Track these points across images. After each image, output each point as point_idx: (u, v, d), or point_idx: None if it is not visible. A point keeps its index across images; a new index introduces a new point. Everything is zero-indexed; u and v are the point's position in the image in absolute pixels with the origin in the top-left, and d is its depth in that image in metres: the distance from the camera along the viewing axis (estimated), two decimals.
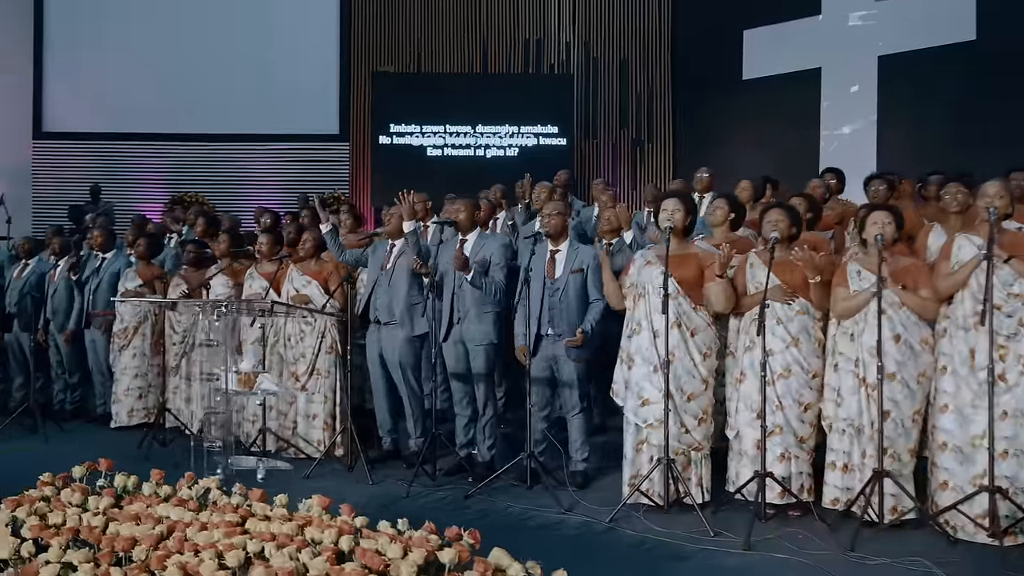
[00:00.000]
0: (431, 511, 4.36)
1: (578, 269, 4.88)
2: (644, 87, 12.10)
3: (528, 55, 12.37)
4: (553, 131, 11.71)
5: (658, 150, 12.08)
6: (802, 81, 10.79)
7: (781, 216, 4.31)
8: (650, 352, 4.33)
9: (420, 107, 11.74)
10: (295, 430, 5.73)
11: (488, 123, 11.72)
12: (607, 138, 12.20)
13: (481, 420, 5.18)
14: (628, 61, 12.15)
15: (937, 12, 9.85)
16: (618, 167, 12.05)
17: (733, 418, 4.40)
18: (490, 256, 5.11)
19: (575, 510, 4.41)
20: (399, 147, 11.77)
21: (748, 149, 10.96)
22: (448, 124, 11.71)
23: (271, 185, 12.33)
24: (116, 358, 6.80)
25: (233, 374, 3.51)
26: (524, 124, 11.69)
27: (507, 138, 11.73)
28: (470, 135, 11.76)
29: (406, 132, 11.74)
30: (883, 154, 10.09)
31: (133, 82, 12.14)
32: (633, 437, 4.42)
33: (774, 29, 11.09)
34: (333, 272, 5.82)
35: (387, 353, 5.38)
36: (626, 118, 12.16)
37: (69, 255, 7.23)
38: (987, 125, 9.27)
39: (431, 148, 11.76)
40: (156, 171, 12.35)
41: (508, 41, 12.41)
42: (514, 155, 11.73)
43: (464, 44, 12.47)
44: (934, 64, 9.82)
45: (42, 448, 6.24)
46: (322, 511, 2.79)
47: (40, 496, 3.09)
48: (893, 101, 10.17)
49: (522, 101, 11.73)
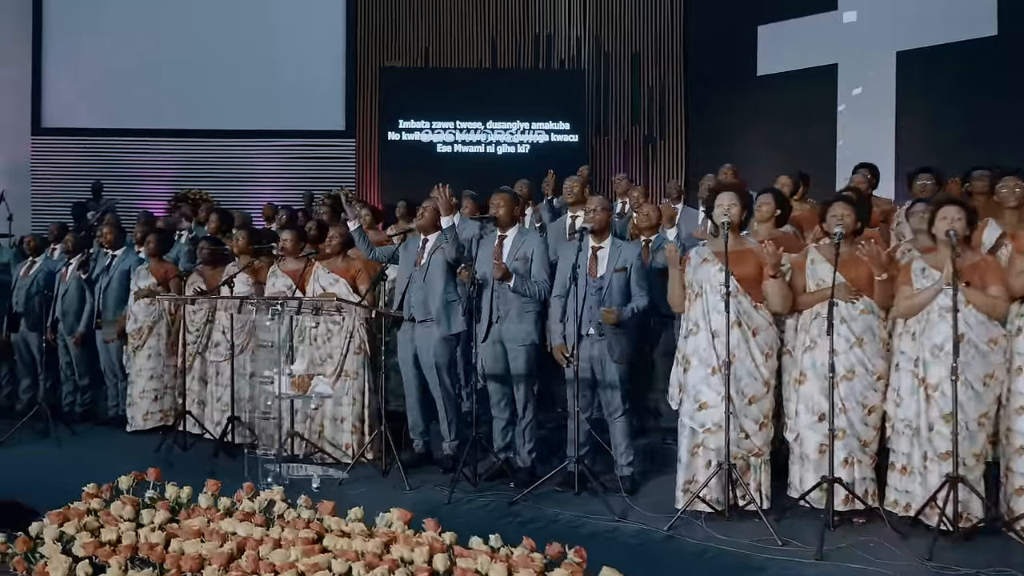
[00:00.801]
0: (478, 519, 4.20)
1: (622, 268, 4.70)
2: (656, 82, 11.94)
3: (538, 50, 12.19)
4: (565, 127, 11.54)
5: (670, 146, 11.92)
6: (818, 77, 10.65)
7: (847, 210, 4.14)
8: (708, 353, 4.15)
9: (429, 103, 11.54)
10: (321, 434, 5.52)
11: (499, 119, 11.53)
12: (619, 134, 12.03)
13: (520, 423, 4.99)
14: (640, 56, 11.99)
15: (957, 7, 9.73)
16: (630, 164, 11.87)
17: (793, 420, 4.23)
18: (531, 254, 4.93)
19: (628, 517, 4.23)
20: (408, 143, 11.57)
21: (762, 146, 10.81)
22: (459, 120, 11.51)
23: (275, 182, 12.10)
24: (130, 359, 6.57)
25: (287, 377, 3.29)
26: (535, 120, 11.51)
27: (518, 134, 11.55)
28: (480, 131, 11.56)
29: (415, 128, 11.54)
30: (901, 151, 9.96)
31: (134, 77, 11.87)
32: (688, 441, 4.23)
33: (789, 25, 10.94)
34: (361, 270, 5.62)
35: (421, 353, 5.18)
36: (638, 114, 12.00)
37: (80, 253, 6.98)
38: (1006, 121, 9.15)
39: (441, 144, 11.56)
40: (158, 168, 12.08)
41: (517, 36, 12.22)
42: (526, 151, 11.55)
43: (473, 39, 12.27)
44: (954, 60, 9.69)
45: (55, 453, 6.00)
46: (404, 526, 2.59)
47: (87, 509, 2.88)
48: (911, 97, 10.04)
49: (533, 97, 11.55)
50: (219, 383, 6.07)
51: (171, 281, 6.45)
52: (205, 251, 6.44)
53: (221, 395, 6.05)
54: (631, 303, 4.65)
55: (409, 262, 5.31)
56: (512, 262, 4.92)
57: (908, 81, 10.07)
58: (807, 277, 4.25)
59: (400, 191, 11.08)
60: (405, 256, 5.40)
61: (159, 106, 11.87)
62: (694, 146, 11.84)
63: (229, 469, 5.24)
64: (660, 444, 5.35)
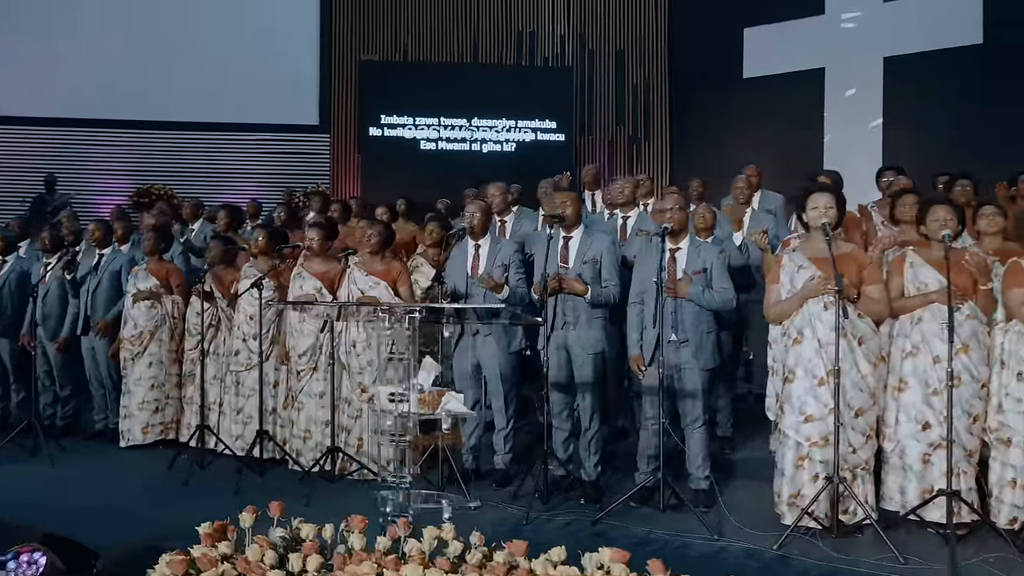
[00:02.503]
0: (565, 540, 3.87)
1: (701, 269, 4.47)
2: (641, 82, 11.81)
3: (521, 47, 11.91)
4: (551, 126, 11.29)
5: (655, 147, 11.80)
6: (805, 81, 10.68)
7: (950, 215, 4.00)
8: (814, 363, 3.94)
9: (412, 98, 11.11)
10: (360, 448, 5.12)
11: (484, 116, 11.19)
12: (603, 134, 11.85)
13: (586, 434, 4.71)
14: (624, 54, 11.84)
15: (943, 15, 9.87)
16: (614, 164, 11.71)
17: (892, 429, 4.06)
18: (600, 256, 4.65)
19: (727, 534, 3.99)
20: (391, 140, 11.12)
21: (748, 149, 10.71)
22: (443, 116, 11.13)
23: (244, 178, 11.48)
24: (128, 367, 6.01)
25: (416, 393, 2.90)
26: (522, 118, 11.22)
27: (504, 132, 11.23)
28: (465, 128, 11.20)
29: (398, 124, 11.10)
30: (889, 156, 10.04)
31: (90, 64, 11.05)
32: (793, 453, 4.00)
33: (776, 28, 10.95)
34: (402, 272, 5.24)
35: (485, 364, 4.85)
36: (623, 114, 11.84)
37: (62, 252, 6.36)
38: (991, 129, 9.32)
39: (425, 141, 11.15)
40: (118, 161, 11.30)
41: (500, 31, 11.91)
42: (511, 150, 11.24)
43: (454, 34, 11.90)
44: (940, 67, 9.83)
45: (50, 473, 5.42)
46: (626, 569, 2.26)
47: (220, 556, 2.44)
48: (898, 103, 10.15)
49: (519, 94, 11.26)
50: (240, 393, 5.59)
51: (177, 286, 5.96)
52: (218, 251, 5.92)
53: (242, 406, 5.57)
54: (714, 296, 4.43)
55: (461, 269, 4.97)
56: (580, 265, 4.65)
57: (895, 87, 10.19)
58: (907, 281, 4.10)
59: (382, 188, 10.65)
60: (454, 263, 5.07)
61: (119, 95, 11.09)
62: (679, 147, 11.75)
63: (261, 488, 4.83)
64: (720, 453, 5.14)
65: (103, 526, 4.06)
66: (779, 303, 4.10)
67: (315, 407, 5.32)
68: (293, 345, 5.36)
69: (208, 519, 4.19)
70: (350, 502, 4.48)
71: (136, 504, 4.70)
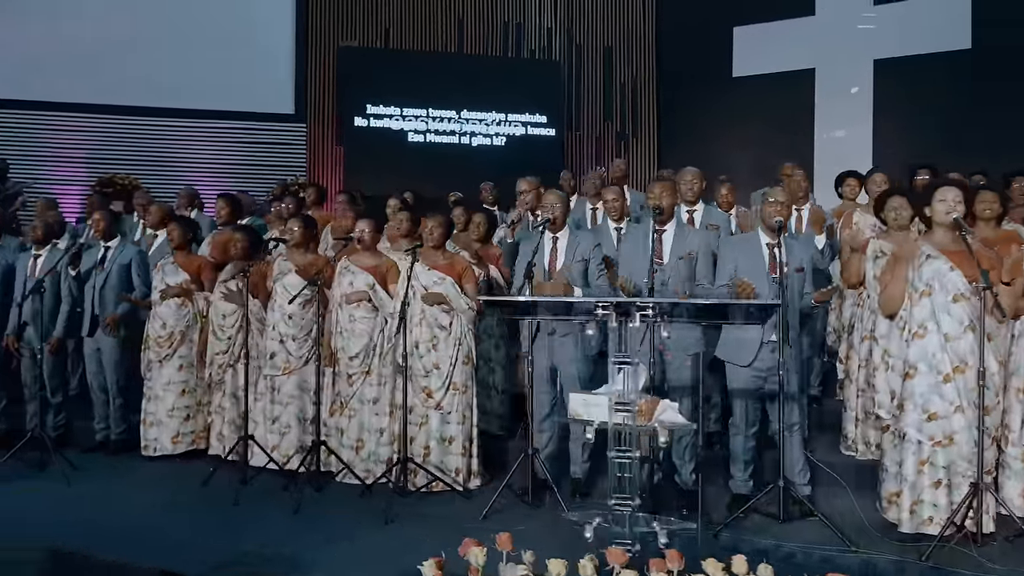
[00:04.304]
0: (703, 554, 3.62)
1: (800, 268, 4.29)
2: (629, 79, 11.65)
3: (508, 38, 11.58)
4: (542, 120, 11.01)
5: (643, 144, 11.66)
6: (795, 81, 10.72)
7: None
8: (939, 359, 3.79)
9: (397, 87, 10.65)
10: (427, 457, 4.74)
11: (474, 109, 10.83)
12: (591, 130, 11.64)
13: (681, 440, 4.46)
14: (613, 50, 11.66)
15: (934, 19, 10.04)
16: (602, 161, 11.48)
17: (1017, 434, 3.96)
18: (696, 251, 4.41)
19: (860, 544, 3.79)
20: (377, 131, 10.63)
21: (737, 148, 10.73)
22: (431, 108, 10.71)
23: (214, 168, 10.77)
24: (155, 371, 5.46)
25: (633, 401, 2.54)
26: (512, 112, 10.90)
27: (494, 126, 10.89)
28: (454, 121, 10.81)
29: (385, 115, 10.63)
30: (879, 157, 10.16)
31: (46, 44, 10.16)
32: (915, 456, 3.85)
33: (766, 27, 10.96)
34: (467, 267, 4.88)
35: (563, 366, 4.54)
36: (611, 110, 11.66)
37: (69, 245, 5.74)
38: (979, 132, 9.51)
39: (413, 133, 10.71)
40: (77, 148, 10.45)
41: (486, 22, 11.55)
42: (501, 144, 10.91)
43: (438, 21, 11.46)
44: (929, 71, 10.00)
45: (66, 492, 4.84)
46: None
47: None
48: (889, 105, 10.28)
49: (509, 87, 10.94)
50: (276, 400, 5.10)
51: (209, 281, 5.45)
52: (242, 244, 5.42)
53: (279, 415, 5.09)
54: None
55: (531, 260, 4.62)
56: (676, 261, 4.40)
57: (886, 88, 10.31)
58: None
59: (368, 180, 10.17)
60: (525, 255, 4.72)
61: (78, 77, 10.25)
62: (666, 145, 11.64)
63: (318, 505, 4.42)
64: None
65: (160, 552, 3.62)
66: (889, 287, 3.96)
67: (369, 414, 4.92)
68: (343, 346, 4.94)
69: (270, 541, 3.81)
70: (442, 522, 4.13)
71: (181, 526, 4.22)
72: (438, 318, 4.77)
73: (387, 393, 4.91)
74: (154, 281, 5.52)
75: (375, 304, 4.94)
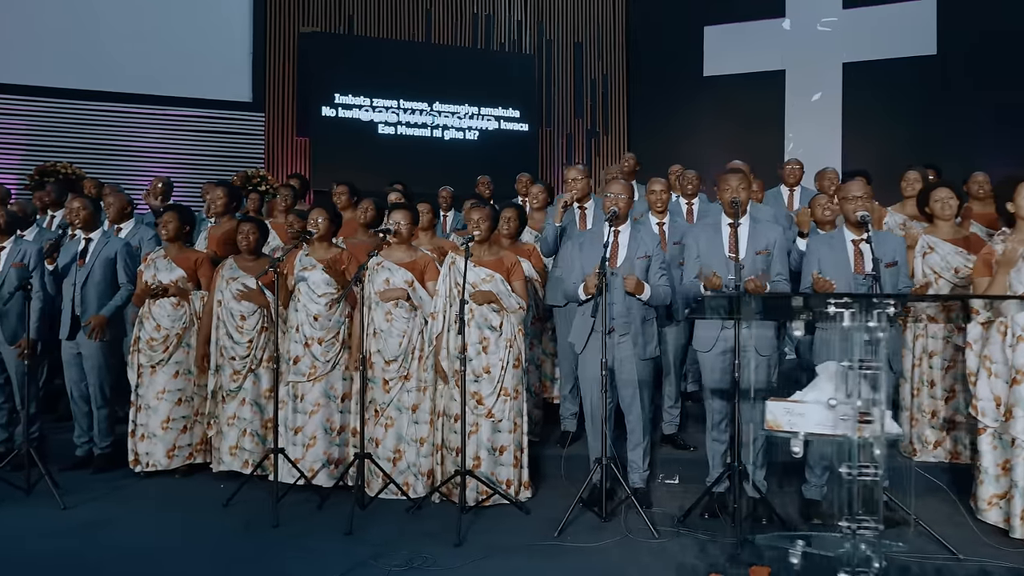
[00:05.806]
0: None
1: (892, 262, 4.11)
2: (600, 75, 11.47)
3: (477, 30, 11.22)
4: (515, 115, 10.70)
5: (613, 142, 11.50)
6: (766, 81, 10.77)
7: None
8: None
9: (364, 77, 10.17)
10: (476, 468, 4.36)
11: (446, 101, 10.43)
12: (561, 127, 11.40)
13: (756, 443, 4.22)
14: (583, 47, 11.45)
15: (901, 25, 10.25)
16: (573, 157, 11.28)
17: None
18: (773, 248, 4.19)
19: (961, 552, 3.64)
20: (345, 121, 10.11)
21: (708, 146, 10.72)
22: (403, 100, 10.25)
23: (164, 157, 10.03)
24: (146, 377, 4.88)
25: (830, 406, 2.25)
26: (484, 105, 10.55)
27: (466, 119, 10.52)
28: (426, 113, 10.38)
29: (354, 104, 10.11)
30: (848, 158, 10.31)
31: None
32: None
33: (737, 28, 10.97)
34: (516, 263, 4.53)
35: (619, 368, 4.25)
36: (581, 106, 11.45)
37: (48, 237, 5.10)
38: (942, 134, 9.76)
39: (383, 125, 10.22)
40: (12, 133, 9.52)
41: (453, 12, 11.17)
42: (474, 138, 10.55)
43: (403, 8, 11.01)
44: (896, 74, 10.20)
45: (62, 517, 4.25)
46: None
47: None
48: (857, 107, 10.44)
49: (479, 79, 10.60)
50: (299, 409, 4.62)
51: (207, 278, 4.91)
52: (254, 236, 4.92)
53: (302, 425, 4.61)
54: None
55: (588, 254, 4.31)
56: (753, 256, 4.17)
57: (854, 91, 10.46)
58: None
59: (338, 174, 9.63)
60: (575, 247, 4.42)
61: (12, 57, 9.36)
62: (637, 142, 11.50)
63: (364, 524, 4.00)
64: None
65: None
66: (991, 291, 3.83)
67: (407, 423, 4.51)
68: (379, 349, 4.51)
69: (328, 571, 3.37)
70: (510, 539, 3.78)
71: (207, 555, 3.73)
72: (488, 318, 4.41)
73: (428, 400, 4.52)
74: (145, 276, 4.94)
75: (413, 303, 4.54)
